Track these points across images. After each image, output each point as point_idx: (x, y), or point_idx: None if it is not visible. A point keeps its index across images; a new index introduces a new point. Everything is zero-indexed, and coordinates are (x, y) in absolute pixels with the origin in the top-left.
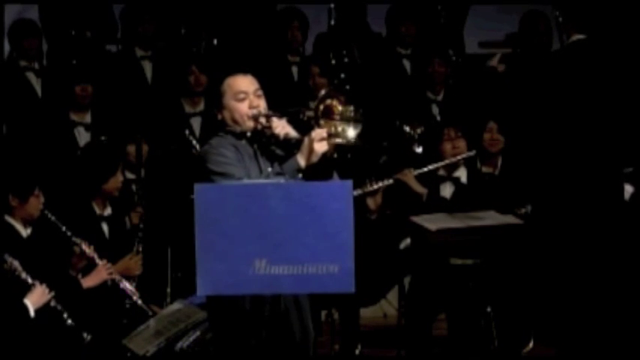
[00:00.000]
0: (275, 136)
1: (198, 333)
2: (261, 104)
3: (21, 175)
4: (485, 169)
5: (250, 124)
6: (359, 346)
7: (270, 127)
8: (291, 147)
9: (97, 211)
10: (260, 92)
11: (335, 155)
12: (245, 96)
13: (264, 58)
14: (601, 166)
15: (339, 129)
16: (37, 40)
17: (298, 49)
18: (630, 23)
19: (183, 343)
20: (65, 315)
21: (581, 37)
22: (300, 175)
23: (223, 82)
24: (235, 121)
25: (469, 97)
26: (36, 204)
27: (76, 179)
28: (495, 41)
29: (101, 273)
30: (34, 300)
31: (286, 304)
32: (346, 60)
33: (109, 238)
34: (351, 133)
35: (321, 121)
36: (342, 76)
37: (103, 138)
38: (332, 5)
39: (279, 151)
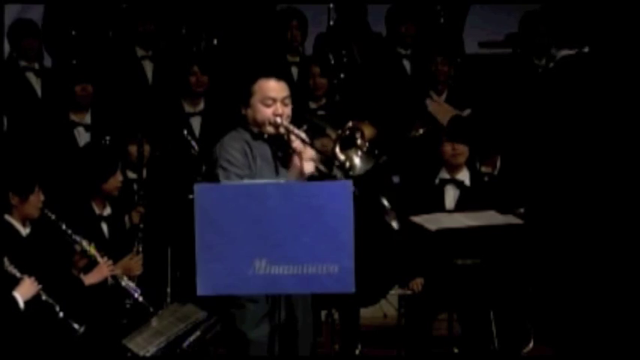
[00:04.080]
0: (291, 148)
1: (198, 333)
2: (286, 112)
3: (21, 173)
4: (484, 169)
5: (270, 130)
6: (359, 346)
7: (288, 137)
8: None
9: (97, 211)
10: (288, 101)
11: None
12: (272, 102)
13: (264, 58)
14: (603, 167)
15: (350, 157)
16: (36, 40)
17: (298, 48)
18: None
19: (184, 343)
20: (57, 308)
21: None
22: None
23: (256, 81)
24: (256, 123)
25: (470, 98)
26: (36, 202)
27: (76, 179)
28: (495, 41)
29: (103, 270)
30: (23, 292)
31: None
32: (345, 60)
33: (109, 238)
34: (358, 167)
35: (337, 148)
36: (342, 76)
37: (107, 138)
38: (331, 5)
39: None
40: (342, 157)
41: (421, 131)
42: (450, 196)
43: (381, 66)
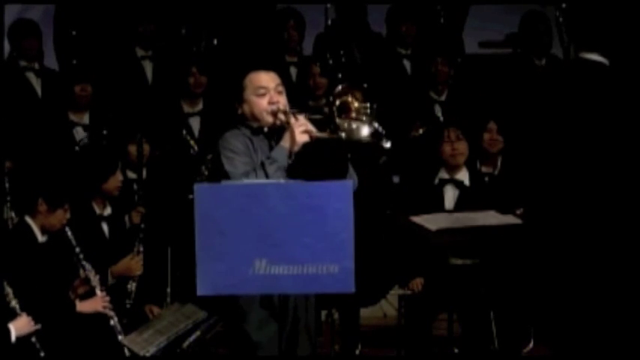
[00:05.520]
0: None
1: (198, 333)
2: (281, 100)
3: (59, 185)
4: (484, 169)
5: (269, 119)
6: (359, 346)
7: (288, 124)
8: (307, 145)
9: (97, 211)
10: (281, 88)
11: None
12: (265, 91)
13: (263, 58)
14: (602, 169)
15: (354, 126)
16: (36, 40)
17: (296, 48)
18: None
19: (184, 343)
20: (42, 354)
21: (595, 57)
22: (291, 160)
23: (245, 76)
24: (254, 116)
25: (470, 98)
26: (61, 218)
27: (76, 179)
28: (495, 41)
29: (97, 303)
30: (18, 326)
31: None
32: (344, 60)
33: (109, 238)
34: (365, 131)
35: (337, 119)
36: (341, 75)
37: (104, 132)
38: (328, 5)
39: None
40: (344, 124)
41: (421, 131)
42: (450, 196)
43: (381, 66)
